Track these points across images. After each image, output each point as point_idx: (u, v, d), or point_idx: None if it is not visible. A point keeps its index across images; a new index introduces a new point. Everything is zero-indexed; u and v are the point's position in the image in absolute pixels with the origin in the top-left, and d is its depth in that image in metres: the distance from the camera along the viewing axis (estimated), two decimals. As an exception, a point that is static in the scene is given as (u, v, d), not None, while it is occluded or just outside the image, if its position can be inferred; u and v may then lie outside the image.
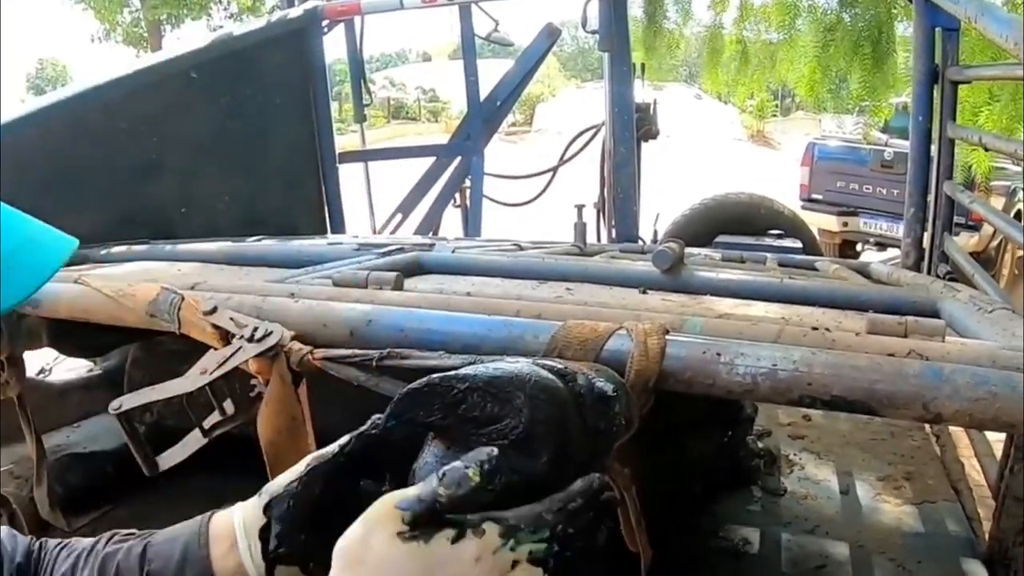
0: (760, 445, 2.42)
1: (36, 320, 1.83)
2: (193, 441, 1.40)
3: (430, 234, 4.79)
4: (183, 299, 1.52)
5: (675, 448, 2.06)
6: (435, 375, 0.90)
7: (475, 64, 4.41)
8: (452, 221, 5.00)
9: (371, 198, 5.14)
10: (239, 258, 2.48)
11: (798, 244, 5.09)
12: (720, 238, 4.75)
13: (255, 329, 1.37)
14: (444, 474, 0.82)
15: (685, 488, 2.18)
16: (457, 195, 4.79)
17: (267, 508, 0.98)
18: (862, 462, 2.48)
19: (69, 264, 2.46)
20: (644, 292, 1.79)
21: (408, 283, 1.80)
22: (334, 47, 4.67)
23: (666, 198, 6.46)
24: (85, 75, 3.56)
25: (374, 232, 4.98)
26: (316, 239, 3.37)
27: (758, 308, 1.63)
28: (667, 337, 1.11)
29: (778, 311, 1.61)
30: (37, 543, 1.19)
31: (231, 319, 1.42)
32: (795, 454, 2.53)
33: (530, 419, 0.87)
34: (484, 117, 4.46)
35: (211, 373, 1.34)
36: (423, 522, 0.81)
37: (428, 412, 0.89)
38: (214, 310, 1.46)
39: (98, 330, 1.70)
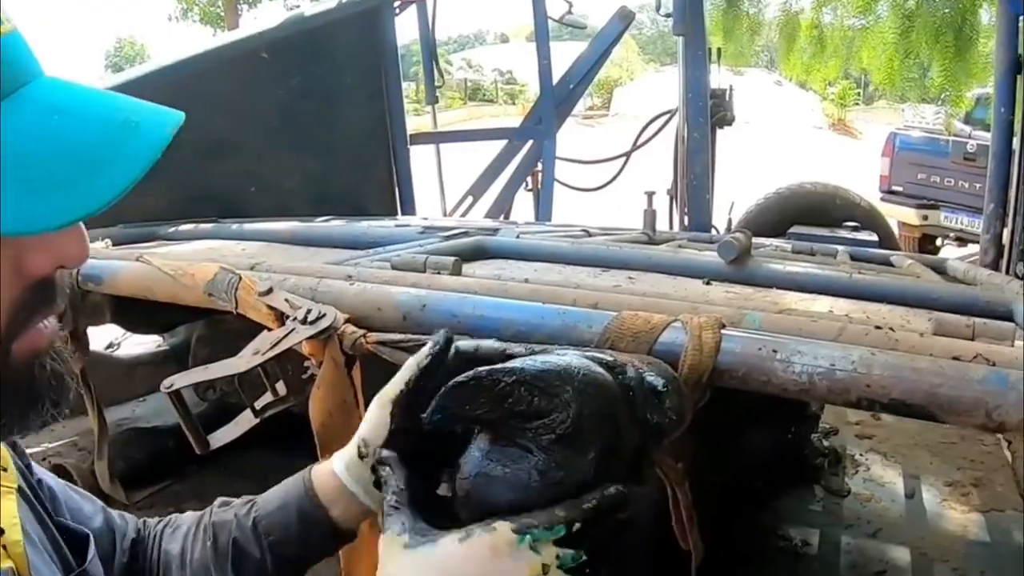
0: (825, 443, 2.37)
1: (100, 297, 1.86)
2: (244, 421, 1.41)
3: (501, 218, 4.78)
4: (240, 279, 1.53)
5: (736, 442, 2.02)
6: (482, 368, 0.88)
7: (548, 47, 4.38)
8: (524, 205, 4.98)
9: (442, 180, 5.15)
10: (304, 238, 2.49)
11: (874, 237, 4.96)
12: (794, 229, 4.65)
13: (308, 311, 1.37)
14: (386, 479, 0.86)
15: (745, 483, 2.14)
16: (529, 179, 4.76)
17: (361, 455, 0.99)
18: (930, 465, 2.41)
19: (134, 241, 2.53)
20: (708, 283, 1.76)
21: (468, 268, 1.79)
22: (410, 28, 4.68)
23: (743, 186, 6.36)
24: (162, 54, 3.62)
25: (444, 214, 4.98)
26: (384, 220, 3.38)
27: (823, 303, 1.58)
28: (723, 331, 1.08)
29: (844, 307, 1.56)
30: (141, 521, 1.22)
31: (286, 300, 1.43)
32: (861, 454, 2.47)
33: (578, 413, 0.84)
34: (556, 101, 4.42)
35: (263, 354, 1.34)
36: (410, 527, 0.82)
37: (475, 406, 0.87)
38: (269, 291, 1.46)
39: (160, 307, 1.73)
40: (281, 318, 1.43)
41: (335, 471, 1.04)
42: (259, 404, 1.42)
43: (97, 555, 1.05)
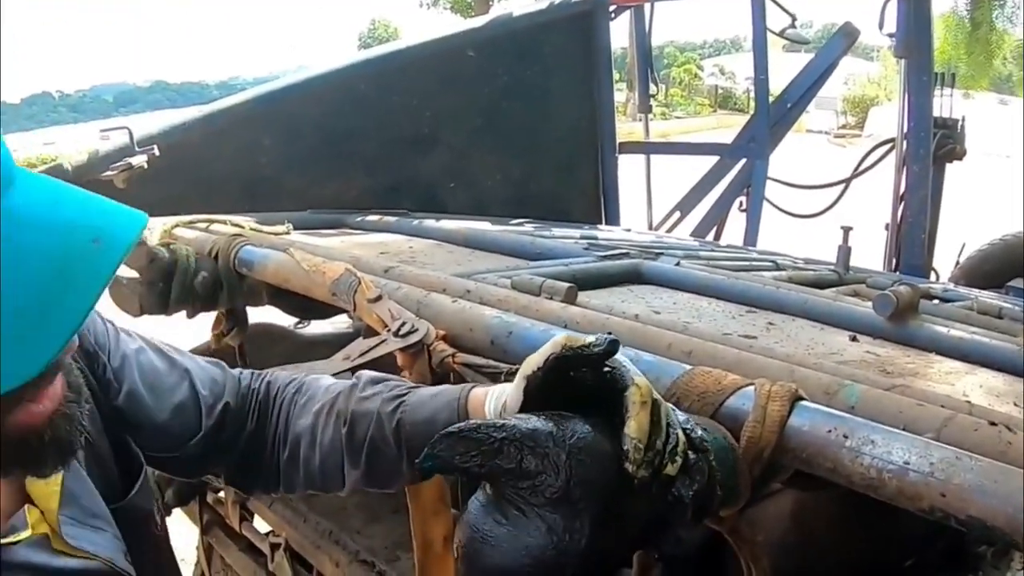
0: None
1: (256, 280, 1.93)
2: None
3: (710, 237, 4.65)
4: (360, 282, 1.54)
5: (890, 516, 1.85)
6: (474, 420, 0.84)
7: (766, 61, 4.18)
8: (739, 225, 4.80)
9: (650, 191, 5.05)
10: (475, 242, 2.50)
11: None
12: (1014, 282, 4.21)
13: (403, 323, 1.36)
14: None
15: (894, 562, 1.95)
16: (744, 199, 4.59)
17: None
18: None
19: (318, 228, 2.62)
20: (854, 339, 1.61)
21: (596, 294, 1.74)
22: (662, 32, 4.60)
23: (982, 226, 5.88)
24: (413, 37, 3.76)
25: (650, 227, 4.89)
26: (570, 229, 3.34)
27: (977, 379, 1.40)
28: (799, 404, 0.97)
29: (1001, 387, 1.38)
30: (263, 380, 1.27)
31: (389, 310, 1.43)
32: (1040, 547, 2.20)
33: (567, 478, 0.80)
34: (772, 119, 4.22)
35: (353, 360, 1.36)
36: None
37: (465, 458, 0.83)
38: (379, 298, 1.48)
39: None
40: (384, 326, 1.43)
41: (487, 409, 1.03)
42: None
43: (148, 485, 1.12)
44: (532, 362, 0.93)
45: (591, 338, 0.90)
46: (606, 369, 0.88)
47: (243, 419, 1.21)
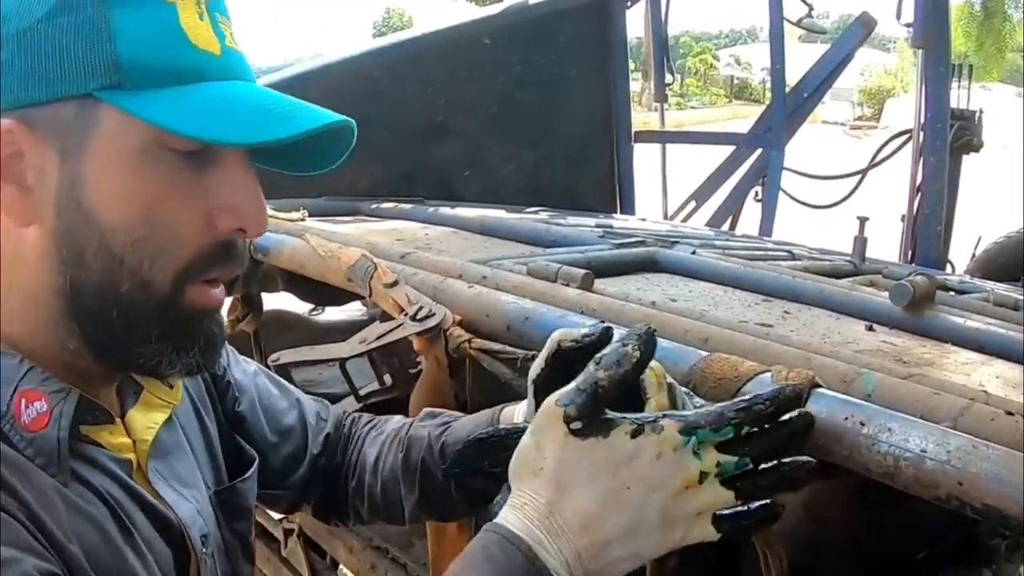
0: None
1: (271, 266, 1.94)
2: (348, 405, 1.43)
3: (725, 226, 4.63)
4: (376, 268, 1.55)
5: (903, 508, 1.84)
6: (503, 427, 0.86)
7: (782, 51, 4.16)
8: (755, 215, 4.79)
9: (665, 181, 5.04)
10: (491, 229, 2.50)
11: None
12: (1029, 275, 4.18)
13: (420, 308, 1.37)
14: (601, 358, 0.81)
15: (906, 553, 1.94)
16: (759, 189, 4.57)
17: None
18: None
19: (333, 214, 2.62)
20: (870, 329, 1.60)
21: (612, 281, 1.73)
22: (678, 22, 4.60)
23: (999, 219, 5.84)
24: (428, 25, 3.74)
25: (665, 217, 4.88)
26: (586, 217, 3.33)
27: (993, 369, 1.40)
28: (815, 391, 0.97)
29: (1017, 377, 1.37)
30: (350, 417, 1.32)
31: (406, 295, 1.44)
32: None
33: None
34: (788, 110, 4.20)
35: (368, 343, 1.37)
36: (588, 414, 0.79)
37: (494, 461, 0.84)
38: (395, 283, 1.49)
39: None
40: (401, 311, 1.43)
41: (516, 420, 1.05)
42: (364, 391, 1.45)
43: (256, 477, 1.13)
44: (535, 367, 0.95)
45: (585, 329, 0.92)
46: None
47: (337, 451, 1.26)
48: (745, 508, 0.83)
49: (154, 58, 0.77)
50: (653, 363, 0.87)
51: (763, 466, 0.83)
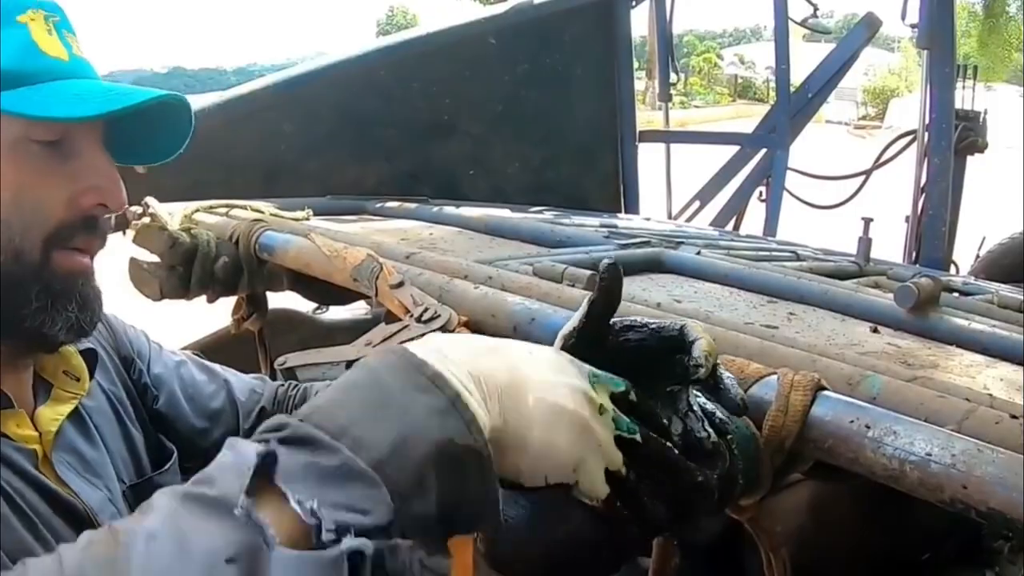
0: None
1: (276, 265, 1.94)
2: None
3: (730, 226, 4.63)
4: (382, 268, 1.55)
5: (906, 508, 1.84)
6: None
7: (787, 50, 4.16)
8: (759, 215, 4.78)
9: (670, 180, 5.03)
10: (495, 229, 2.50)
11: None
12: (1032, 276, 4.17)
13: (426, 309, 1.37)
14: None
15: (909, 554, 1.95)
16: (763, 189, 4.57)
17: None
18: None
19: (338, 213, 2.62)
20: (875, 331, 1.60)
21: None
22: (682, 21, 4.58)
23: (1005, 220, 5.82)
24: (433, 24, 3.73)
25: (669, 216, 4.88)
26: (590, 217, 3.33)
27: (997, 372, 1.40)
28: (820, 394, 0.97)
29: (1021, 380, 1.38)
30: (300, 388, 1.39)
31: (411, 296, 1.44)
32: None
33: None
34: (792, 109, 4.20)
35: (374, 345, 1.36)
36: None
37: None
38: (400, 284, 1.49)
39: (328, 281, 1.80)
40: (407, 312, 1.43)
41: None
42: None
43: (177, 468, 1.19)
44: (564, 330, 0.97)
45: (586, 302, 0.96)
46: (652, 327, 0.91)
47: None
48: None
49: (12, 65, 0.91)
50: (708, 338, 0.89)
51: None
